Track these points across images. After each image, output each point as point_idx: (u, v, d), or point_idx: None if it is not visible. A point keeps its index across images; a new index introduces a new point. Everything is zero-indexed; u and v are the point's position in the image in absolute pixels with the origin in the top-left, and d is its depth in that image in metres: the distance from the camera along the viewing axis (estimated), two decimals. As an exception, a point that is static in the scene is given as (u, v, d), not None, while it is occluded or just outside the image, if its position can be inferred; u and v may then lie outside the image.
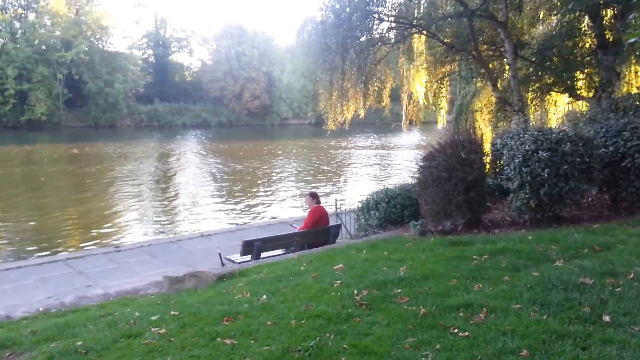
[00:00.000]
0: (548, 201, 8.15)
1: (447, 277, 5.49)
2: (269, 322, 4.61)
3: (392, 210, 10.51)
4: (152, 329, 4.90)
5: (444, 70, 14.47)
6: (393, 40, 12.68)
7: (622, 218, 8.59)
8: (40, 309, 8.17)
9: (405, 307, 4.64)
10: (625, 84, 13.23)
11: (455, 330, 4.06)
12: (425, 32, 12.21)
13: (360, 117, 14.33)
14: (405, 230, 10.10)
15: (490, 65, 13.28)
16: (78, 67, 58.90)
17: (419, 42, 13.56)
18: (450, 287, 5.10)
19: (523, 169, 8.13)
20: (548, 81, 13.78)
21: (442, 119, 18.41)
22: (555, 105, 15.24)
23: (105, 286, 9.43)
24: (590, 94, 13.14)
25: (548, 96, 14.84)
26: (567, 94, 13.60)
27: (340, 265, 6.67)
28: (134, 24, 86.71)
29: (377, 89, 13.79)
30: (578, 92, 13.16)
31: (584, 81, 13.24)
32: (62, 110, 59.40)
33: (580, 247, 6.31)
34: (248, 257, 9.14)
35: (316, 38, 12.26)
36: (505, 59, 13.41)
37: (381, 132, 52.59)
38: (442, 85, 14.97)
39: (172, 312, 5.47)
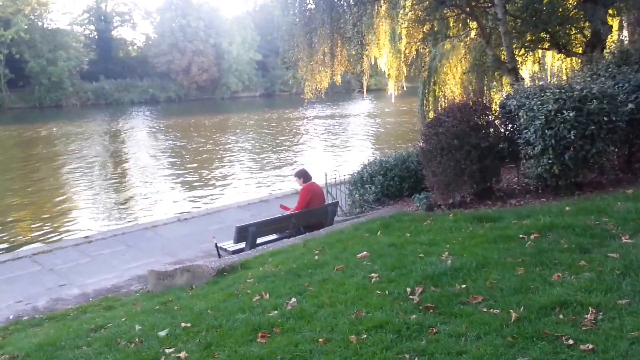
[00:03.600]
0: (572, 166, 7.38)
1: (508, 264, 4.61)
2: (320, 339, 3.64)
3: (389, 183, 9.64)
4: (167, 351, 3.90)
5: (424, 29, 13.47)
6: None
7: (644, 180, 7.97)
8: (11, 317, 7.16)
9: (485, 310, 3.74)
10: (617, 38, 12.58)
11: (571, 342, 3.18)
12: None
13: (338, 83, 13.30)
14: (405, 204, 9.27)
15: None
16: (19, 46, 55.72)
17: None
18: (523, 279, 4.22)
19: (546, 131, 7.30)
20: (531, 37, 13.03)
21: (397, 86, 17.58)
22: (539, 63, 14.57)
23: (81, 284, 8.37)
24: (581, 50, 12.47)
25: (532, 54, 14.11)
26: (555, 50, 12.88)
27: (364, 252, 5.73)
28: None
29: (354, 52, 12.71)
30: (569, 48, 12.45)
31: (573, 36, 12.52)
32: (4, 92, 56.24)
33: (638, 217, 5.53)
34: (242, 245, 8.08)
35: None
36: (489, 16, 12.55)
37: (337, 101, 51.61)
38: (425, 46, 14.01)
39: (182, 324, 4.45)
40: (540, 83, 8.29)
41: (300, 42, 11.63)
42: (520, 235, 5.45)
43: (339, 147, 27.80)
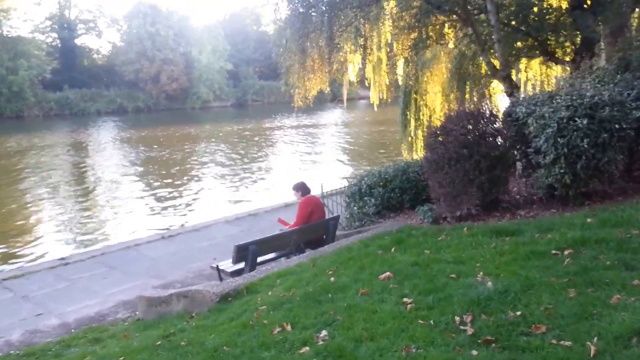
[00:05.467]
0: (584, 175, 7.13)
1: (556, 285, 4.25)
2: (373, 385, 3.20)
3: (390, 195, 9.28)
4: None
5: (412, 37, 13.19)
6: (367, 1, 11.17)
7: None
8: (-19, 354, 6.41)
9: (555, 342, 3.35)
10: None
11: (667, 380, 2.81)
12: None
13: (326, 92, 12.94)
14: (408, 217, 8.92)
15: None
16: (-23, 55, 53.56)
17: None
18: (581, 303, 3.85)
19: (559, 139, 7.03)
20: (520, 45, 12.90)
21: (381, 94, 17.30)
22: (526, 71, 14.49)
23: (60, 313, 7.66)
24: (568, 58, 12.37)
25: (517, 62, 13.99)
26: (545, 58, 12.77)
27: (387, 273, 5.32)
28: (35, 5, 79.42)
29: (342, 59, 12.37)
30: (557, 56, 12.33)
31: (562, 44, 12.41)
32: (-37, 104, 53.98)
33: (670, 230, 5.26)
34: (240, 265, 7.57)
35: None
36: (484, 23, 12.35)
37: (311, 111, 51.27)
38: (409, 54, 13.73)
39: (199, 367, 3.95)
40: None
41: (292, 48, 11.23)
42: (553, 251, 5.12)
43: (323, 157, 27.40)
